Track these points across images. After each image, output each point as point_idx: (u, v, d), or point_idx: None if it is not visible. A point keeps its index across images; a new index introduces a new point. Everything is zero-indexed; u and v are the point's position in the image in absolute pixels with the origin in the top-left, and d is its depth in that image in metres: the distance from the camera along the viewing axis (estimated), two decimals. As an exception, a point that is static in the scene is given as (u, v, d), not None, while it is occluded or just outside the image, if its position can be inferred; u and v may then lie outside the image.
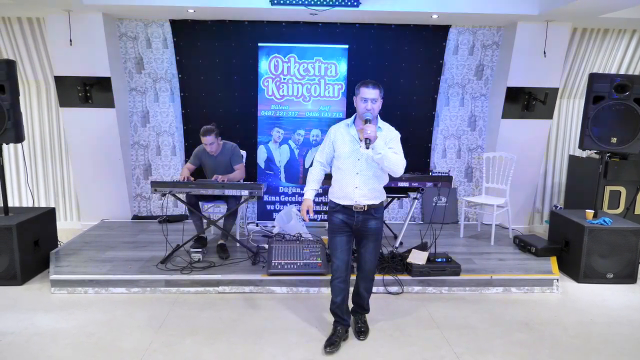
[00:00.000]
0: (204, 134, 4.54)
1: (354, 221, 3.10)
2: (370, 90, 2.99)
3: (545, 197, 6.31)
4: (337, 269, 3.14)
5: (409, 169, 5.50)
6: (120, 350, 3.10)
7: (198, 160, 4.79)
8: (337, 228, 3.14)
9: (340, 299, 3.18)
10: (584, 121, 4.36)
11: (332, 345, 3.13)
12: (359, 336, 3.30)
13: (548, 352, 3.16)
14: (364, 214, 3.08)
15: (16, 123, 4.16)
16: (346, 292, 3.20)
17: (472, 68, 5.77)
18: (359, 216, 3.08)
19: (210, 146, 4.59)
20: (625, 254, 4.30)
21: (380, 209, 3.16)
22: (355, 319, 3.40)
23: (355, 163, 3.05)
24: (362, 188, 3.05)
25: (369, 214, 3.09)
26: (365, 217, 3.09)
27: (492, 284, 4.14)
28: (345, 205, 3.09)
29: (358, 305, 3.38)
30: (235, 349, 3.13)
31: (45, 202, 6.02)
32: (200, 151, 4.78)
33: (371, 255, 3.19)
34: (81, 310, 3.66)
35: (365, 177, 3.05)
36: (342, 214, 3.11)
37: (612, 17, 4.87)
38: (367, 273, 3.24)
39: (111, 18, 5.30)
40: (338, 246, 3.14)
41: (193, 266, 4.21)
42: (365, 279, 3.27)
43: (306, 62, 5.46)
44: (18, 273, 4.10)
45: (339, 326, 3.24)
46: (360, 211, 3.07)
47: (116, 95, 5.35)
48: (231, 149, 4.78)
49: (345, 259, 3.13)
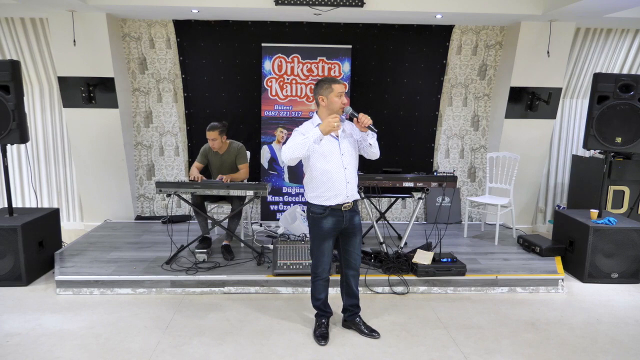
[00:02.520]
0: (209, 129, 4.57)
1: (343, 223, 3.12)
2: (342, 85, 3.08)
3: (548, 197, 6.32)
4: (323, 272, 3.22)
5: (412, 168, 5.57)
6: (128, 351, 3.09)
7: (205, 158, 4.80)
8: (326, 234, 3.12)
9: (324, 295, 3.32)
10: (589, 121, 4.37)
11: (326, 337, 3.25)
12: (372, 333, 3.32)
13: (556, 352, 3.16)
14: (351, 211, 3.14)
15: (21, 124, 4.15)
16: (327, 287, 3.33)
17: (475, 68, 5.77)
18: (347, 215, 3.12)
19: (212, 142, 4.60)
20: (630, 254, 4.31)
21: (357, 203, 3.24)
22: (357, 322, 3.36)
23: (341, 159, 3.09)
24: (352, 182, 3.13)
25: (353, 211, 3.16)
26: (352, 214, 3.15)
27: (497, 284, 4.14)
28: (335, 206, 3.08)
29: (355, 306, 3.37)
30: (243, 350, 3.13)
31: (49, 202, 6.01)
32: (207, 149, 4.79)
33: (359, 250, 3.27)
34: (87, 311, 3.66)
35: (352, 171, 3.14)
36: (332, 217, 3.10)
37: (615, 16, 4.87)
38: (357, 269, 3.29)
39: (114, 18, 5.29)
40: (325, 252, 3.16)
41: (198, 267, 4.20)
42: (355, 276, 3.31)
43: (310, 62, 5.47)
44: (23, 274, 4.09)
45: (323, 319, 3.34)
46: (348, 209, 3.12)
47: (119, 95, 5.35)
48: (237, 148, 4.79)
49: (329, 261, 3.21)
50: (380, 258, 4.31)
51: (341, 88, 3.04)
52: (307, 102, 5.52)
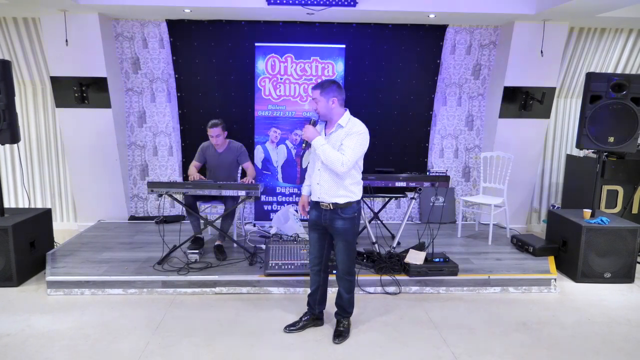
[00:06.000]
0: (211, 126, 4.57)
1: (322, 219, 3.15)
2: (313, 91, 3.09)
3: (542, 197, 6.32)
4: (310, 261, 3.32)
5: (406, 168, 5.57)
6: (117, 352, 3.08)
7: (203, 157, 4.79)
8: (311, 224, 3.25)
9: (313, 288, 3.35)
10: (581, 120, 4.36)
11: (292, 325, 3.37)
12: (335, 339, 3.24)
13: (546, 352, 3.16)
14: (332, 212, 3.11)
15: (12, 124, 4.13)
16: (319, 284, 3.34)
17: (469, 67, 5.76)
18: (327, 214, 3.13)
19: (216, 138, 4.59)
20: (623, 254, 4.30)
21: (347, 210, 3.09)
22: (337, 321, 3.37)
23: (315, 159, 3.14)
24: (322, 185, 3.09)
25: (335, 213, 3.10)
26: (332, 216, 3.11)
27: (489, 283, 4.13)
28: (315, 201, 3.17)
29: (339, 306, 3.36)
30: (233, 350, 3.12)
31: (42, 202, 5.99)
32: (205, 147, 4.78)
33: (341, 255, 3.19)
34: (78, 311, 3.64)
35: (326, 174, 3.07)
36: (315, 210, 3.20)
37: (609, 16, 4.87)
38: (340, 272, 3.26)
39: (107, 18, 5.28)
40: (311, 242, 3.29)
41: (190, 267, 4.19)
42: (340, 279, 3.28)
43: (303, 62, 5.45)
44: (14, 274, 4.07)
45: (306, 315, 3.42)
46: (327, 209, 3.11)
47: (112, 95, 5.33)
48: (238, 148, 4.79)
49: (316, 254, 3.27)
50: (372, 258, 4.30)
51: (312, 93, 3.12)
52: (300, 102, 5.50)
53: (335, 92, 3.05)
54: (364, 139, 3.03)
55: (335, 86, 3.06)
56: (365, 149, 3.08)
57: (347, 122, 3.07)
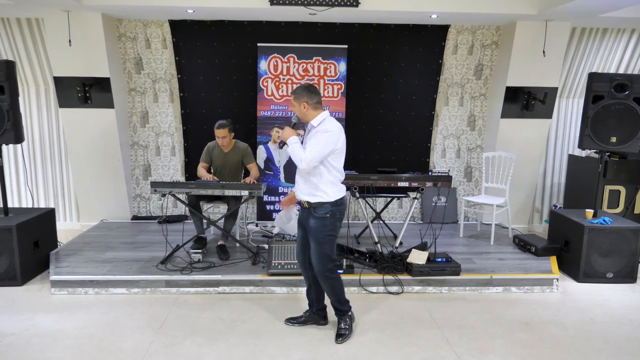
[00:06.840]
0: (219, 127, 4.58)
1: (302, 217, 3.24)
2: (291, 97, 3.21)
3: (544, 197, 6.32)
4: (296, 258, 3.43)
5: (409, 168, 5.57)
6: (121, 351, 3.09)
7: (209, 157, 4.81)
8: (298, 221, 3.34)
9: (307, 285, 3.43)
10: (584, 120, 4.37)
11: (293, 318, 3.49)
12: (336, 339, 3.26)
13: (549, 352, 3.16)
14: (307, 210, 3.17)
15: (15, 124, 4.15)
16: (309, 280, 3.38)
17: (471, 68, 5.77)
18: (304, 212, 3.20)
19: (222, 139, 4.61)
20: (625, 254, 4.31)
21: (320, 210, 3.09)
22: (337, 321, 3.36)
23: None
24: (299, 182, 3.19)
25: (309, 212, 3.15)
26: (308, 214, 3.17)
27: (492, 283, 4.14)
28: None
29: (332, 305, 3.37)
30: (236, 350, 3.13)
31: (45, 202, 6.01)
32: (211, 147, 4.80)
33: (313, 255, 3.18)
34: (81, 311, 3.66)
35: (302, 173, 3.14)
36: (301, 208, 3.26)
37: (611, 16, 4.87)
38: (315, 272, 3.24)
39: (110, 18, 5.29)
40: (297, 238, 3.39)
41: (193, 267, 4.20)
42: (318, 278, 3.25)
43: (305, 62, 5.46)
44: (18, 274, 4.09)
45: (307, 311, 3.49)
46: (305, 207, 3.18)
47: (115, 95, 5.35)
48: (243, 148, 4.81)
49: (299, 250, 3.35)
50: (375, 258, 4.31)
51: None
52: (303, 102, 5.51)
53: (305, 96, 3.10)
54: (329, 138, 3.01)
55: (306, 91, 3.12)
56: (334, 148, 3.03)
57: (320, 123, 3.11)
